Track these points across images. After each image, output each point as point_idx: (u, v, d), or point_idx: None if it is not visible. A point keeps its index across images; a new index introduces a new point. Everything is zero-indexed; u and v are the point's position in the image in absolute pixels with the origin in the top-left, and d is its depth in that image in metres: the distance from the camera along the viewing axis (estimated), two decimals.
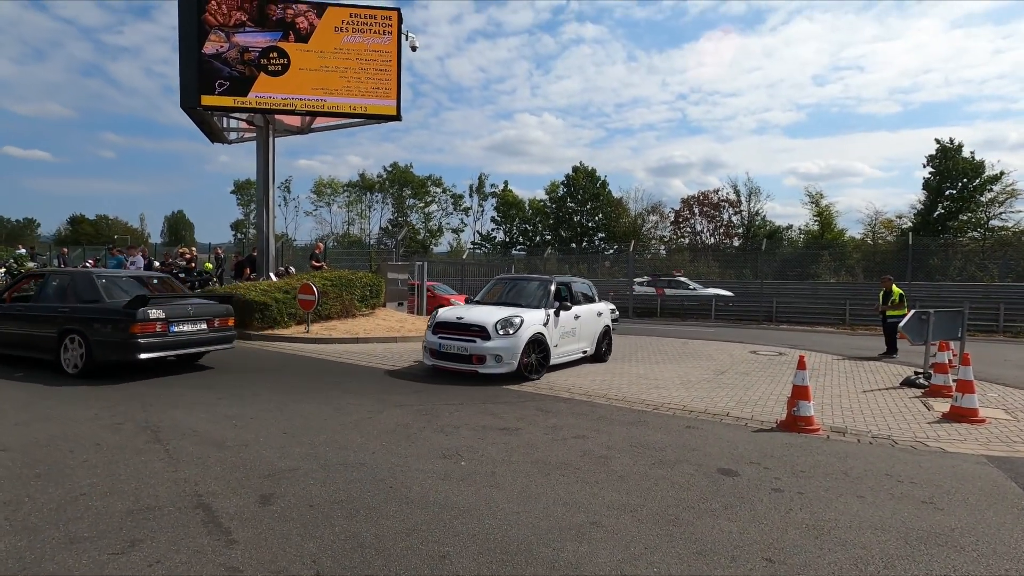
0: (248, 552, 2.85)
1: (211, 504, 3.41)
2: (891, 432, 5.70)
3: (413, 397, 6.65)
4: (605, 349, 9.99)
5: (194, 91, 13.40)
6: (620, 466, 4.38)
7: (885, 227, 38.23)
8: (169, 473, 3.91)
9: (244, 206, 60.06)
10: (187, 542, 2.94)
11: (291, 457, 4.31)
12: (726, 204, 44.41)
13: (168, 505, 3.39)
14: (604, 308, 10.21)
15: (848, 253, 30.11)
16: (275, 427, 5.13)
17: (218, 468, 4.03)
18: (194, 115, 14.44)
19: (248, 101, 13.76)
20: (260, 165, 15.33)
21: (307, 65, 13.90)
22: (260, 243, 15.72)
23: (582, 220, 49.25)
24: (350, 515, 3.32)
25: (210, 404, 5.93)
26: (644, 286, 24.14)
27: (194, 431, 4.91)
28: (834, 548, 3.09)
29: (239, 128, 16.81)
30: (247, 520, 3.21)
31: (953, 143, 34.75)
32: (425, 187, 55.49)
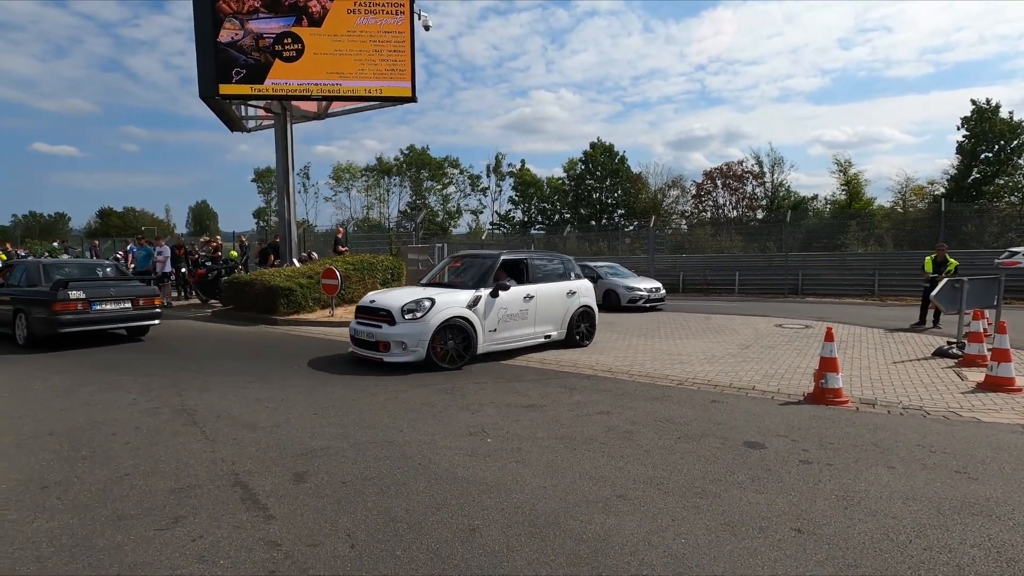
0: (285, 527, 2.96)
1: (248, 482, 3.53)
2: (923, 403, 5.60)
3: (437, 377, 6.74)
4: (584, 332, 9.01)
5: (212, 80, 13.51)
6: (645, 440, 4.40)
7: (916, 194, 37.01)
8: (207, 453, 4.05)
9: (265, 194, 60.83)
10: (227, 518, 3.06)
11: (322, 437, 4.43)
12: (749, 176, 43.45)
13: (207, 484, 3.52)
14: (580, 286, 9.04)
15: (877, 222, 29.28)
16: (305, 408, 5.27)
17: (253, 448, 4.17)
18: (213, 104, 14.58)
19: (265, 88, 13.83)
20: (279, 152, 15.47)
21: (321, 49, 13.88)
22: (282, 230, 15.94)
23: (601, 197, 48.74)
24: (381, 491, 3.41)
25: (241, 388, 6.09)
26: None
27: (228, 414, 5.07)
28: (864, 518, 3.08)
29: (257, 116, 16.94)
30: (283, 497, 3.32)
31: (990, 103, 33.27)
32: (442, 169, 55.42)
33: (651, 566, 2.59)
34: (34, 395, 5.83)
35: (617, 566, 2.59)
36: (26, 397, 5.75)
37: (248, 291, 12.36)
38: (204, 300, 15.36)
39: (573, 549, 2.74)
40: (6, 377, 6.68)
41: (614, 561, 2.63)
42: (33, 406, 5.38)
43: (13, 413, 5.15)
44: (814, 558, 2.67)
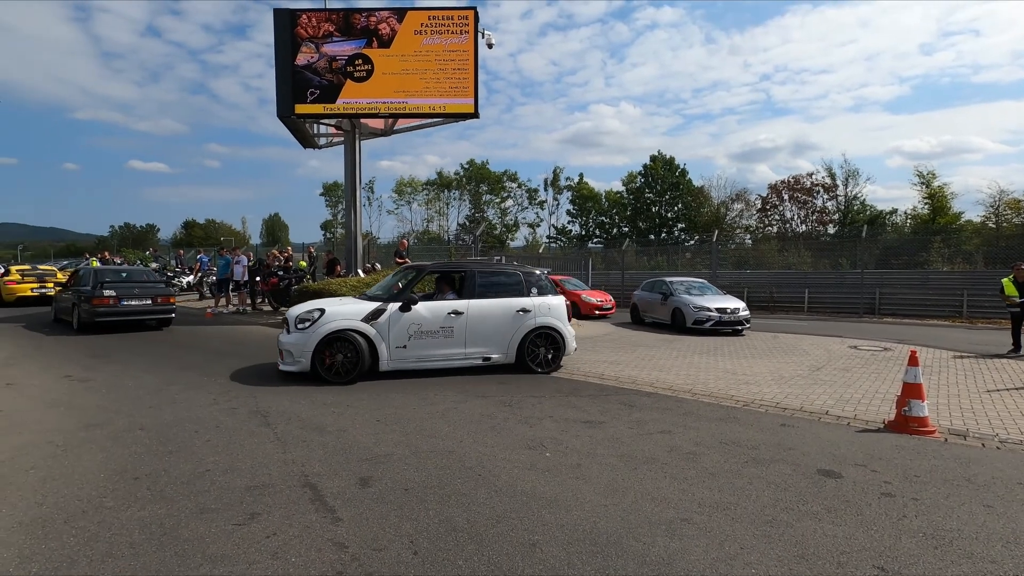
0: (352, 530, 3.05)
1: (317, 484, 3.68)
2: (1023, 436, 5.11)
3: (495, 388, 6.78)
4: (544, 359, 7.81)
5: (289, 101, 14.37)
6: (710, 463, 4.24)
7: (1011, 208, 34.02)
8: (279, 454, 4.25)
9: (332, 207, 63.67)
10: (298, 518, 3.19)
11: (385, 443, 4.55)
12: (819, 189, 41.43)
13: (279, 483, 3.69)
14: (538, 304, 7.87)
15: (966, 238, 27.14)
16: (369, 415, 5.43)
17: (320, 451, 4.34)
18: (288, 123, 15.48)
19: (336, 107, 14.55)
20: (347, 167, 16.19)
21: (389, 69, 14.47)
22: (348, 241, 16.62)
23: (661, 211, 47.85)
24: (442, 500, 3.46)
25: (310, 392, 6.36)
26: None
27: (298, 417, 5.31)
28: (958, 560, 2.83)
29: (328, 133, 17.85)
30: (349, 500, 3.44)
31: None
32: (501, 183, 56.16)
33: None
34: (126, 392, 6.32)
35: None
36: (120, 394, 6.24)
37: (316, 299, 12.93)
38: (276, 307, 16.19)
39: (636, 571, 2.68)
40: (104, 375, 7.28)
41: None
42: (126, 402, 5.84)
43: (109, 408, 5.60)
44: None
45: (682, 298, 14.17)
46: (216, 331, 12.01)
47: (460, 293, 7.82)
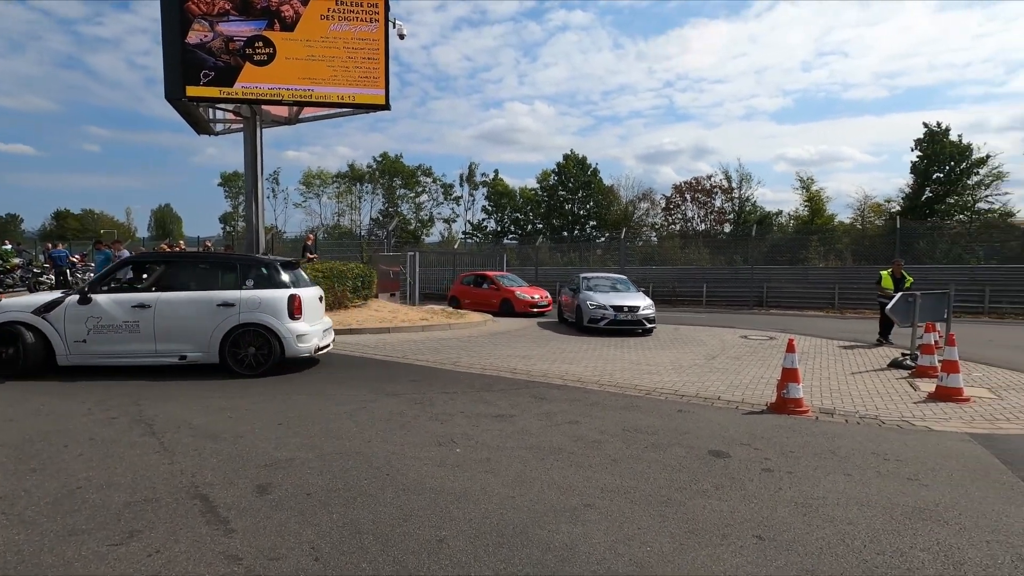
0: (247, 540, 2.88)
1: (208, 495, 3.43)
2: (878, 412, 5.82)
3: (407, 386, 6.68)
4: (252, 359, 7.11)
5: (179, 82, 13.20)
6: (613, 450, 4.44)
7: (874, 211, 38.50)
8: (165, 465, 3.92)
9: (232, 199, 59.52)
10: (186, 532, 2.96)
11: (287, 447, 4.33)
12: (717, 190, 44.55)
13: (165, 496, 3.40)
14: (246, 299, 7.15)
15: (837, 238, 30.34)
16: (270, 418, 5.15)
17: (214, 459, 4.05)
18: (179, 107, 14.23)
19: (234, 92, 13.57)
20: (248, 157, 15.17)
21: (293, 54, 13.72)
22: (249, 236, 15.60)
23: (573, 208, 49.24)
24: (347, 502, 3.35)
25: (203, 397, 5.92)
26: None
27: (188, 424, 4.92)
28: (822, 524, 3.17)
29: (225, 119, 16.60)
30: (245, 510, 3.24)
31: (940, 127, 34.97)
32: (415, 177, 55.19)
33: (616, 575, 2.62)
34: None
35: (582, 575, 2.61)
36: None
37: None
38: None
39: (539, 559, 2.75)
40: None
41: (579, 570, 2.65)
42: None
43: None
44: (774, 563, 2.74)
45: (583, 294, 13.21)
46: None
47: (156, 284, 7.32)
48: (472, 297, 18.06)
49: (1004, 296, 18.46)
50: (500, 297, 17.09)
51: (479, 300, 17.65)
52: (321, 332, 7.82)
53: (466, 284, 18.89)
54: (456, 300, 18.51)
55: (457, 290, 19.12)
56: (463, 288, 18.83)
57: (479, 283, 18.39)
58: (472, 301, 17.85)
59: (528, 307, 16.66)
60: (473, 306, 17.37)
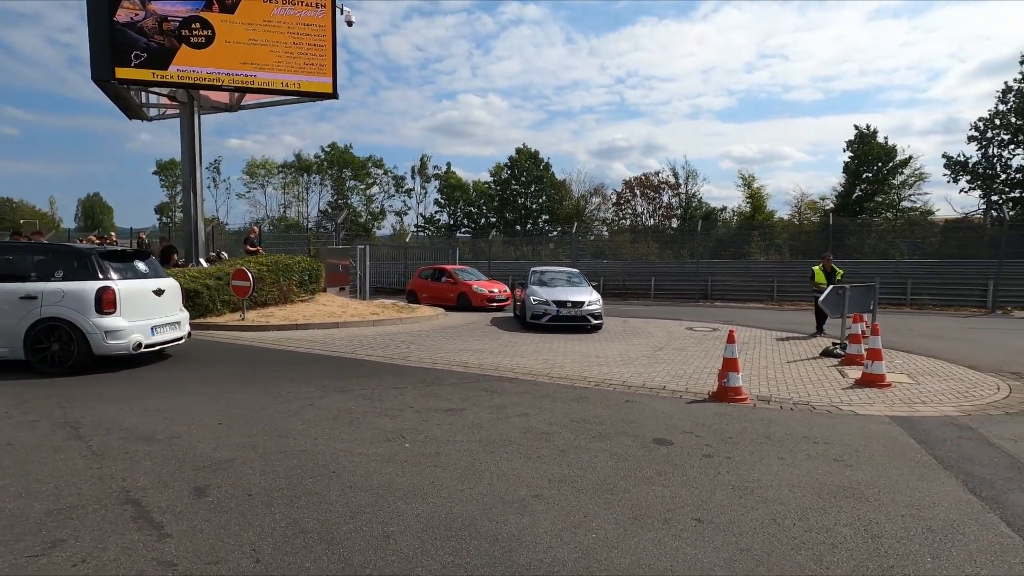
0: (182, 545, 2.77)
1: (141, 499, 3.27)
2: (810, 398, 6.16)
3: (356, 382, 6.56)
4: (56, 356, 6.69)
5: (107, 63, 12.41)
6: (562, 441, 4.52)
7: (810, 208, 40.55)
8: (93, 470, 3.70)
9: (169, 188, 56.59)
10: (115, 539, 2.81)
11: (227, 448, 4.18)
12: (666, 186, 45.75)
13: (92, 503, 3.22)
14: (48, 290, 6.71)
15: (777, 233, 31.78)
16: (209, 418, 4.95)
17: (147, 462, 3.86)
18: (108, 89, 13.38)
19: (169, 75, 12.88)
20: (185, 144, 14.45)
21: (234, 38, 13.13)
22: (188, 227, 14.89)
23: (526, 202, 49.44)
24: (290, 502, 3.27)
25: (137, 398, 5.62)
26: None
27: (120, 426, 4.66)
28: (756, 506, 3.34)
29: (160, 104, 15.74)
30: (181, 513, 3.11)
31: (869, 129, 37.12)
32: (365, 169, 53.99)
33: (562, 562, 2.67)
34: None
35: (530, 564, 2.65)
36: None
37: None
38: None
39: (488, 550, 2.77)
40: None
41: (527, 559, 2.69)
42: None
43: None
44: (711, 544, 2.86)
45: (529, 289, 12.64)
46: None
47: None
48: (429, 291, 17.79)
49: (924, 289, 19.85)
50: (457, 291, 16.89)
51: (436, 294, 17.40)
52: (157, 327, 7.40)
53: (424, 278, 18.59)
54: (414, 294, 18.24)
55: (415, 284, 18.80)
56: (421, 282, 18.54)
57: (437, 277, 18.13)
58: (429, 295, 17.60)
59: (486, 301, 16.36)
60: (431, 300, 17.15)
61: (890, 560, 2.75)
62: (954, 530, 3.07)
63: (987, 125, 32.15)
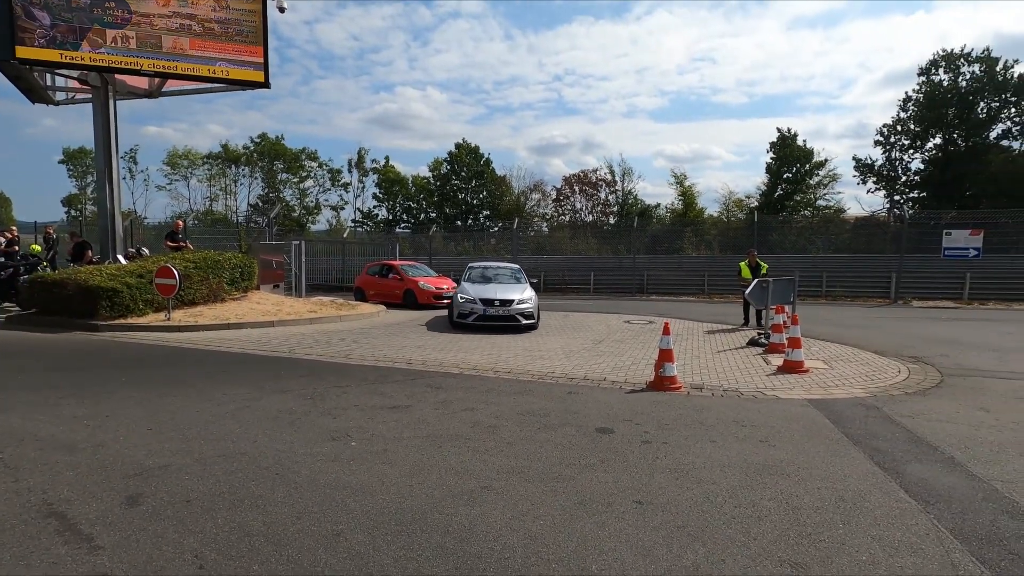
0: (117, 555, 2.64)
1: (65, 512, 3.08)
2: (738, 385, 6.58)
3: (296, 382, 6.39)
4: None
5: (6, 41, 11.32)
6: (508, 433, 4.62)
7: (737, 206, 42.81)
8: (8, 484, 3.44)
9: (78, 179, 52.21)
10: (39, 554, 2.64)
11: (159, 454, 3.99)
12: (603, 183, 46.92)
13: (11, 519, 3.00)
14: None
15: (707, 229, 33.38)
16: (137, 424, 4.68)
17: (70, 473, 3.62)
18: (7, 69, 12.23)
19: (80, 57, 11.92)
20: (99, 132, 13.43)
21: (154, 20, 12.32)
22: (103, 221, 13.86)
23: (467, 198, 49.27)
24: (233, 506, 3.18)
25: (53, 405, 5.23)
26: None
27: (35, 436, 4.33)
28: (691, 486, 3.57)
29: (69, 88, 14.52)
30: (112, 524, 2.95)
31: (789, 132, 39.62)
32: (299, 161, 51.97)
33: (512, 549, 2.76)
34: None
35: (481, 552, 2.72)
36: None
37: (58, 292, 10.55)
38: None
39: (440, 542, 2.82)
40: None
41: (478, 548, 2.76)
42: None
43: None
44: (650, 524, 3.04)
45: (461, 286, 12.11)
46: None
47: None
48: (376, 288, 17.21)
49: (838, 281, 21.47)
50: (403, 288, 16.31)
51: (383, 291, 16.87)
52: None
53: (371, 275, 17.96)
54: (361, 292, 17.58)
55: (362, 281, 18.11)
56: (368, 279, 17.90)
57: (384, 273, 17.52)
58: (376, 292, 17.05)
59: (433, 298, 15.71)
60: (378, 298, 16.62)
61: (808, 528, 3.03)
62: (861, 499, 3.41)
63: (890, 131, 35.13)
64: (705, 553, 2.75)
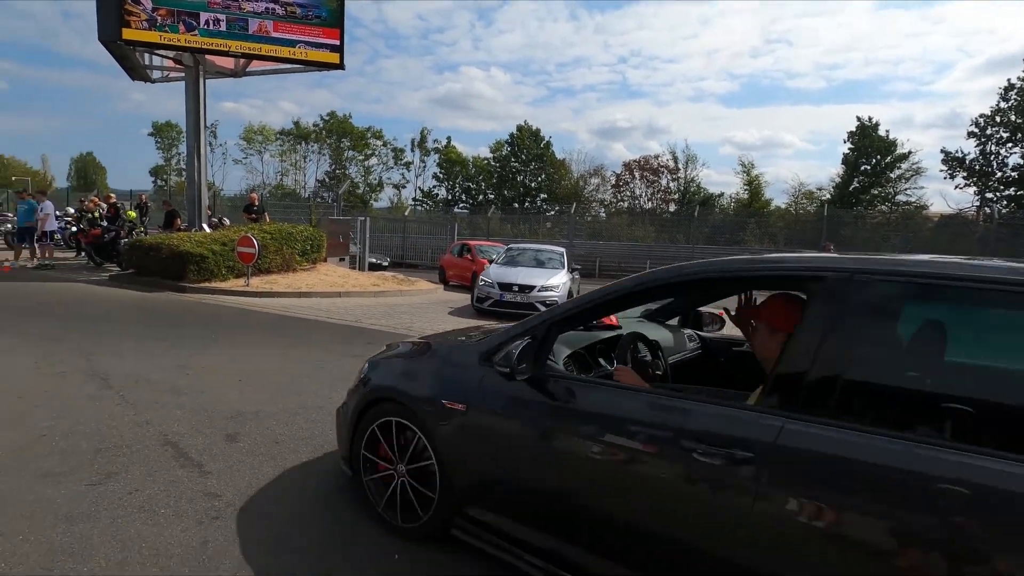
0: (223, 480, 3.11)
1: (178, 442, 3.60)
2: None
3: (363, 348, 6.87)
4: None
5: (114, 24, 12.37)
6: None
7: (806, 198, 40.85)
8: (129, 416, 4.02)
9: (164, 151, 56.05)
10: (162, 473, 3.15)
11: (251, 402, 4.50)
12: (664, 170, 45.84)
13: (134, 444, 3.55)
14: None
15: (772, 221, 32.13)
16: (229, 375, 5.26)
17: (178, 412, 4.18)
18: (114, 49, 13.36)
19: (176, 38, 12.87)
20: (190, 108, 14.48)
21: (243, 4, 13.10)
22: (191, 192, 15.00)
23: (525, 180, 49.41)
24: (315, 450, 3.61)
25: (157, 354, 5.92)
26: None
27: (147, 379, 4.96)
28: None
29: (164, 67, 15.68)
30: (216, 455, 3.44)
31: (871, 121, 37.26)
32: (364, 139, 53.61)
33: None
34: None
35: None
36: None
37: (154, 255, 11.62)
38: (98, 263, 14.19)
39: None
40: None
41: None
42: None
43: None
44: None
45: (489, 268, 11.46)
46: (20, 288, 10.29)
47: None
48: (454, 268, 16.49)
49: None
50: (472, 269, 15.31)
51: (459, 272, 16.21)
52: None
53: (453, 254, 17.38)
54: (443, 272, 17.03)
55: (445, 260, 17.49)
56: (449, 259, 17.28)
57: (461, 253, 16.93)
58: (454, 273, 16.38)
59: None
60: (456, 279, 16.01)
61: None
62: None
63: (987, 122, 32.36)
64: None
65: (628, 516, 1.96)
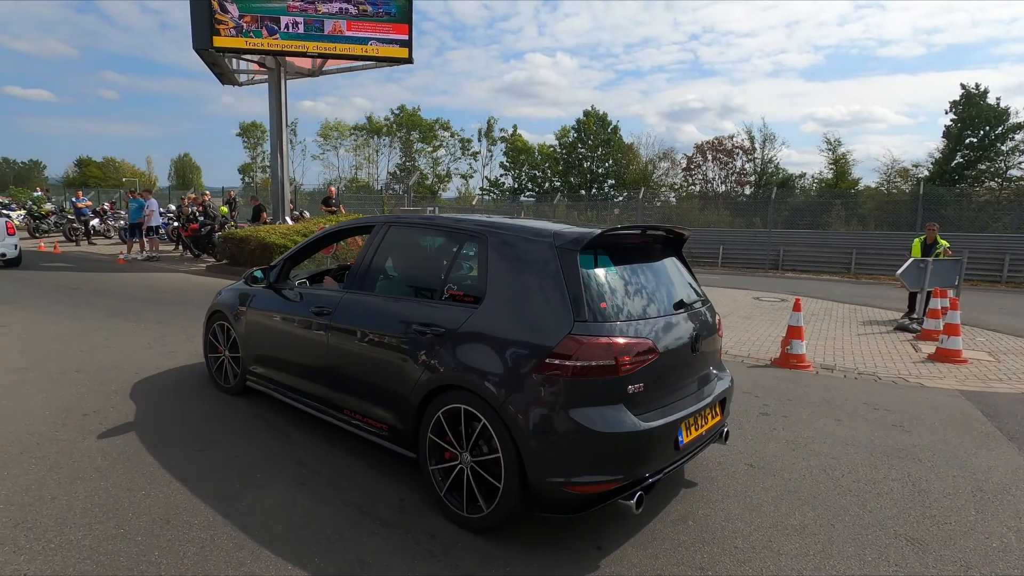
0: (309, 450, 3.40)
1: (267, 415, 3.95)
2: (876, 369, 6.16)
3: None
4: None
5: (206, 32, 13.35)
6: None
7: (901, 176, 37.60)
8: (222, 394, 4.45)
9: (251, 149, 59.72)
10: (257, 441, 3.48)
11: None
12: (739, 151, 43.67)
13: (232, 415, 3.93)
14: None
15: (861, 203, 29.88)
16: None
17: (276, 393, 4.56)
18: (206, 56, 14.42)
19: (260, 43, 13.71)
20: (272, 108, 15.41)
21: (318, 6, 13.74)
22: (274, 187, 16.01)
23: (592, 166, 48.70)
24: None
25: None
26: None
27: None
28: (807, 457, 3.59)
29: (249, 70, 16.76)
30: (302, 428, 3.75)
31: (979, 88, 33.62)
32: (433, 131, 54.76)
33: None
34: (50, 338, 6.13)
35: None
36: (44, 339, 6.05)
37: (244, 247, 12.57)
38: (196, 255, 15.52)
39: None
40: (18, 321, 6.95)
41: None
42: (53, 347, 5.70)
43: (36, 352, 5.47)
44: (761, 485, 3.17)
45: None
46: (132, 278, 11.47)
47: None
48: None
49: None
50: None
51: None
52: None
53: None
54: None
55: None
56: None
57: None
58: None
59: None
60: None
61: (933, 510, 2.96)
62: (1004, 491, 3.21)
63: None
64: (814, 516, 2.85)
65: (298, 357, 3.69)
